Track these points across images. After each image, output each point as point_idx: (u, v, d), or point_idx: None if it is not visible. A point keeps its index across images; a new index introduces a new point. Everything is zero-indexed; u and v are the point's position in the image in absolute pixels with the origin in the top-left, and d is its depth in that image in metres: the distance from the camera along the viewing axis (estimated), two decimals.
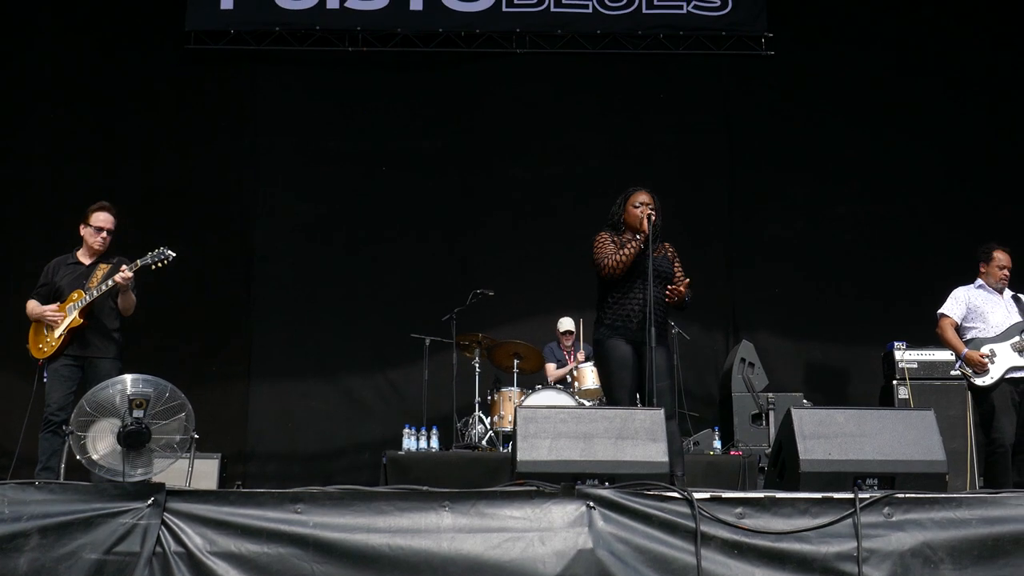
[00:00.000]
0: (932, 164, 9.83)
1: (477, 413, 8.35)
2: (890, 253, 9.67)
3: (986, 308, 6.60)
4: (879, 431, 4.51)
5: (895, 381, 8.14)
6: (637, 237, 5.56)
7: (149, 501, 4.01)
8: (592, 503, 4.08)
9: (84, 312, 6.01)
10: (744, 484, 7.15)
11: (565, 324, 8.83)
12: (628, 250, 5.53)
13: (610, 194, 5.98)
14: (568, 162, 9.96)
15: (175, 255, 6.05)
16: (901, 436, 4.50)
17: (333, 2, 9.83)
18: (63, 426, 5.27)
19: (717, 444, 8.14)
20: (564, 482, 4.18)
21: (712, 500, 4.12)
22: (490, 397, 8.39)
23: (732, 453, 7.80)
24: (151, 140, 9.72)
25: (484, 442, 8.14)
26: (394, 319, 9.19)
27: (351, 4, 9.85)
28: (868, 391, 8.91)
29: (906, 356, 8.15)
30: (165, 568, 3.91)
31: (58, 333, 6.00)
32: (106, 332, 6.11)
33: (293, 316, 9.55)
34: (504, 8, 9.91)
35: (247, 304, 9.60)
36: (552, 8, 9.95)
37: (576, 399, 7.98)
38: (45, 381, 6.04)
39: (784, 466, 4.69)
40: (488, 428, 8.23)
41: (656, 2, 9.99)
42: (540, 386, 8.20)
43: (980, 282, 6.75)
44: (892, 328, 8.62)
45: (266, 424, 9.32)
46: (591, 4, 9.97)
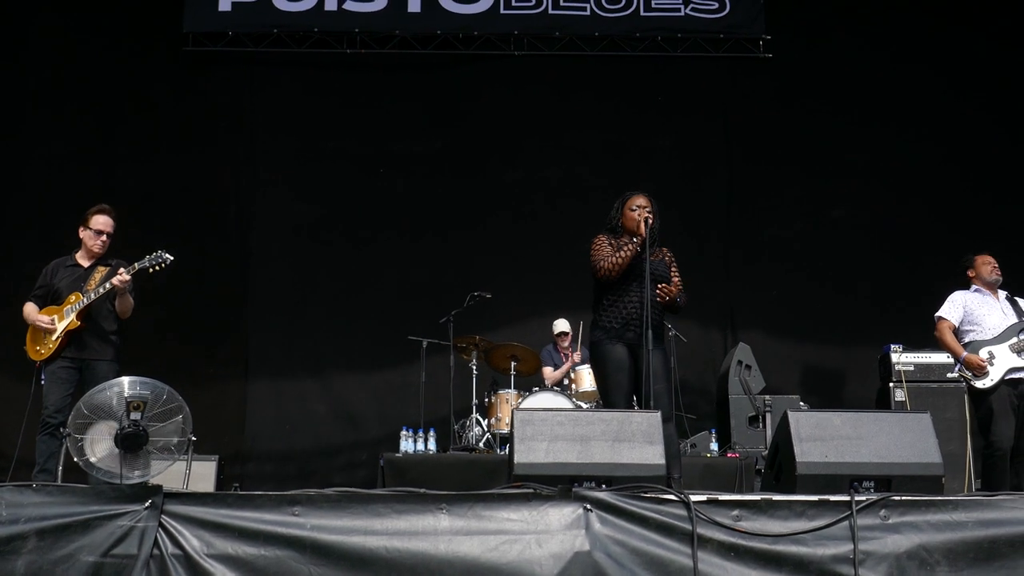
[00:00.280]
0: (931, 166, 9.84)
1: (474, 415, 8.35)
2: (888, 255, 9.68)
3: (983, 311, 6.61)
4: (875, 434, 4.52)
5: (892, 383, 8.14)
6: (634, 240, 5.57)
7: (147, 503, 4.02)
8: (589, 505, 4.09)
9: (82, 314, 6.01)
10: (741, 486, 7.15)
11: (560, 326, 8.83)
12: (624, 252, 5.54)
13: (608, 196, 5.98)
14: (566, 164, 9.97)
15: (173, 258, 6.05)
16: (897, 439, 4.51)
17: (331, 4, 9.84)
18: (61, 428, 5.28)
19: (714, 446, 8.15)
20: (561, 484, 4.19)
21: (709, 502, 4.13)
22: (487, 399, 8.39)
23: (729, 455, 7.79)
24: (149, 142, 9.72)
25: (481, 444, 8.14)
26: (391, 321, 9.19)
27: (349, 6, 9.86)
28: (865, 393, 8.91)
29: (902, 358, 8.13)
30: (163, 570, 3.92)
31: (56, 335, 6.01)
32: (104, 334, 6.11)
33: (290, 318, 9.56)
34: (502, 10, 9.92)
35: (244, 305, 9.60)
36: (550, 10, 9.96)
37: (573, 401, 7.98)
38: (43, 383, 6.04)
39: (781, 468, 4.70)
40: (485, 430, 8.22)
41: (654, 4, 10.00)
42: (537, 388, 8.20)
43: (975, 287, 6.76)
44: (890, 330, 8.61)
45: (263, 425, 9.31)
46: (589, 6, 9.98)
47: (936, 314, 6.73)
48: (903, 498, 4.17)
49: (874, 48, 10.05)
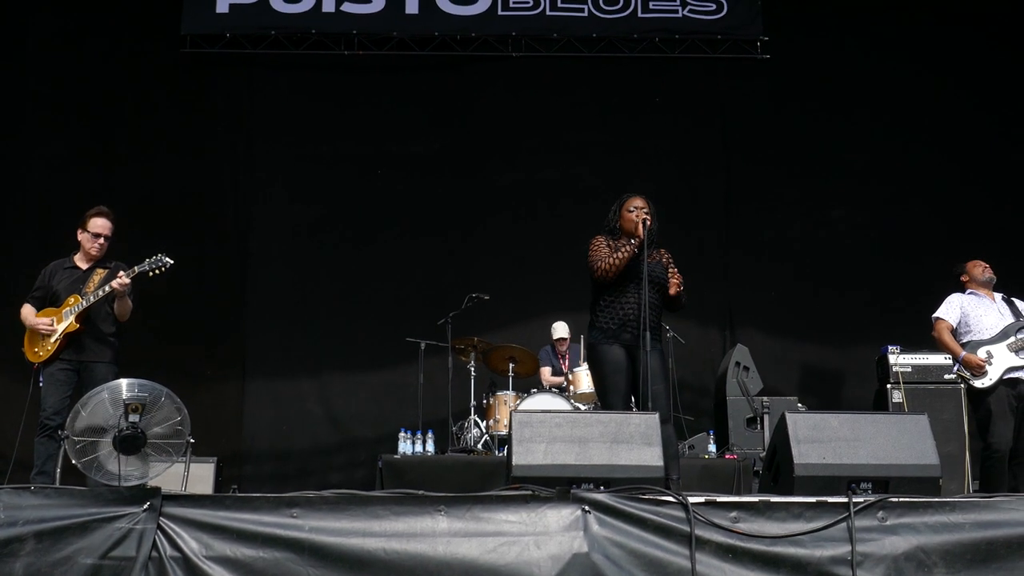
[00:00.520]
0: (929, 166, 9.84)
1: (473, 417, 8.35)
2: (886, 255, 9.67)
3: (980, 312, 6.63)
4: (873, 435, 4.53)
5: (889, 385, 8.14)
6: (632, 241, 5.58)
7: (145, 505, 4.02)
8: (587, 507, 4.10)
9: (81, 317, 6.02)
10: (739, 488, 7.16)
11: (559, 331, 8.81)
12: (622, 253, 5.54)
13: (606, 197, 5.99)
14: (564, 165, 9.97)
15: (173, 262, 6.05)
16: (895, 440, 4.52)
17: (329, 6, 9.84)
18: (59, 430, 5.26)
19: (712, 447, 8.15)
20: (559, 486, 4.20)
21: (707, 504, 4.14)
22: (485, 401, 8.39)
23: (727, 457, 7.80)
24: (147, 144, 9.71)
25: (480, 446, 8.14)
26: (389, 322, 9.19)
27: (347, 8, 9.86)
28: (863, 394, 8.91)
29: (900, 360, 8.14)
30: (161, 573, 3.92)
31: (54, 338, 6.01)
32: (102, 337, 6.11)
33: (289, 319, 9.55)
34: (500, 11, 9.92)
35: (243, 307, 9.60)
36: (548, 11, 9.96)
37: (572, 403, 7.98)
38: (41, 385, 6.04)
39: (779, 470, 4.70)
40: (484, 432, 8.23)
41: (652, 6, 10.00)
42: (535, 390, 8.21)
43: (971, 290, 6.78)
44: (888, 331, 8.63)
45: (261, 427, 9.31)
46: (587, 7, 9.98)
47: (934, 315, 6.75)
48: (901, 500, 4.18)
49: (871, 49, 10.05)
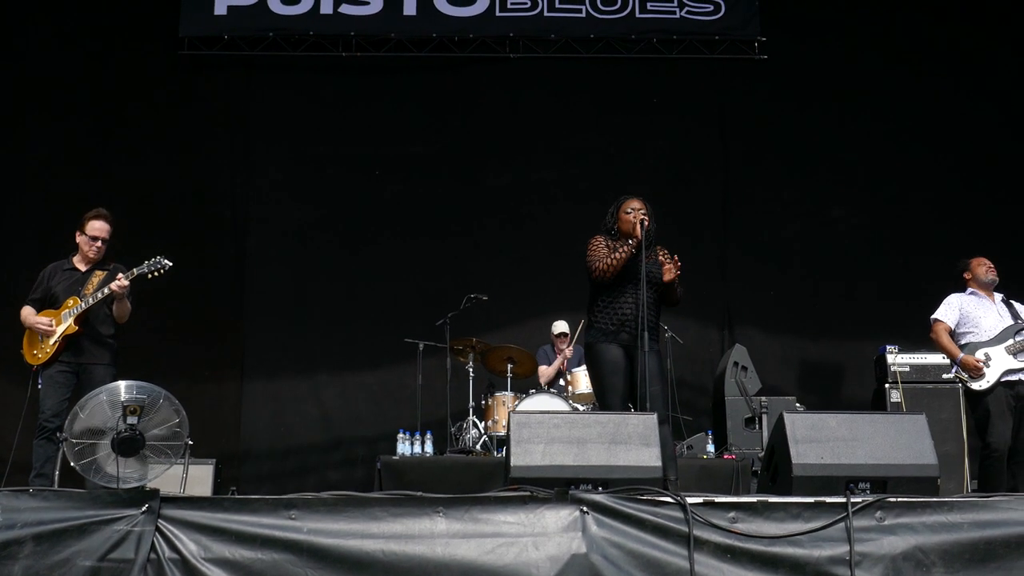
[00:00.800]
0: (928, 165, 9.83)
1: (471, 417, 8.34)
2: (884, 255, 9.68)
3: (979, 313, 6.62)
4: (871, 435, 4.53)
5: (887, 385, 8.15)
6: (630, 242, 5.58)
7: (143, 508, 4.03)
8: (586, 508, 4.10)
9: (79, 319, 6.02)
10: (737, 488, 7.15)
11: (560, 327, 8.81)
12: (620, 254, 5.55)
13: (604, 198, 6.00)
14: (562, 166, 9.97)
15: (171, 264, 6.05)
16: (893, 440, 4.53)
17: (327, 7, 9.84)
18: (57, 433, 5.27)
19: (710, 448, 8.14)
20: (558, 487, 4.20)
21: (705, 504, 4.15)
22: (484, 401, 8.39)
23: (725, 457, 7.80)
24: (145, 145, 9.70)
25: (478, 447, 8.14)
26: (387, 323, 9.17)
27: (345, 9, 9.85)
28: (862, 394, 8.91)
29: (898, 359, 8.14)
30: (160, 575, 3.92)
31: (53, 340, 6.01)
32: (101, 339, 6.11)
33: (287, 320, 9.54)
34: (497, 13, 9.92)
35: (241, 308, 9.59)
36: (545, 12, 9.96)
37: (570, 404, 7.98)
38: (39, 387, 6.04)
39: (777, 470, 4.71)
40: (482, 433, 8.22)
41: (649, 6, 10.00)
42: (534, 391, 8.21)
43: (971, 289, 6.78)
44: (887, 331, 8.63)
45: (260, 428, 9.30)
46: (584, 8, 9.98)
47: (932, 316, 6.75)
48: (899, 499, 4.19)
49: (869, 48, 10.05)
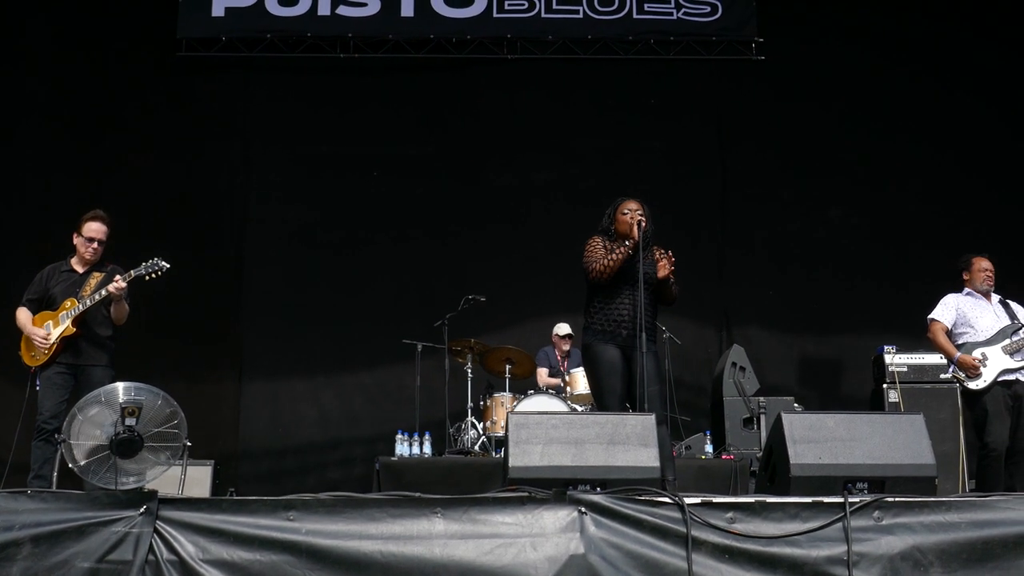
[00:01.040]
0: (926, 165, 9.85)
1: (469, 418, 8.35)
2: (882, 255, 9.69)
3: (975, 313, 6.64)
4: (869, 435, 4.54)
5: (885, 385, 8.16)
6: (627, 243, 5.59)
7: (142, 509, 4.02)
8: (584, 508, 4.11)
9: (77, 320, 6.01)
10: (735, 488, 7.16)
11: (563, 329, 8.75)
12: (616, 255, 5.56)
13: (602, 199, 6.00)
14: (560, 167, 9.98)
15: (169, 266, 6.05)
16: (891, 440, 4.53)
17: (324, 9, 9.84)
18: (55, 434, 5.27)
19: (709, 448, 8.15)
20: (556, 488, 4.20)
21: (703, 505, 4.15)
22: (482, 402, 8.39)
23: (724, 457, 7.80)
24: (143, 147, 9.70)
25: (477, 447, 8.14)
26: (386, 324, 9.18)
27: (342, 11, 9.86)
28: (860, 393, 8.93)
29: (896, 360, 8.15)
30: None
31: (51, 341, 6.00)
32: (99, 340, 6.11)
33: (285, 321, 9.54)
34: (495, 14, 9.92)
35: (239, 309, 9.59)
36: (543, 14, 9.96)
37: (568, 404, 7.98)
38: (38, 389, 6.04)
39: (775, 470, 4.72)
40: (481, 433, 8.22)
41: (646, 8, 10.01)
42: (532, 392, 8.21)
43: (967, 290, 6.80)
44: (885, 330, 8.64)
45: (258, 428, 9.30)
46: (582, 9, 9.99)
47: (929, 316, 6.77)
48: (897, 499, 4.19)
49: (866, 49, 10.06)
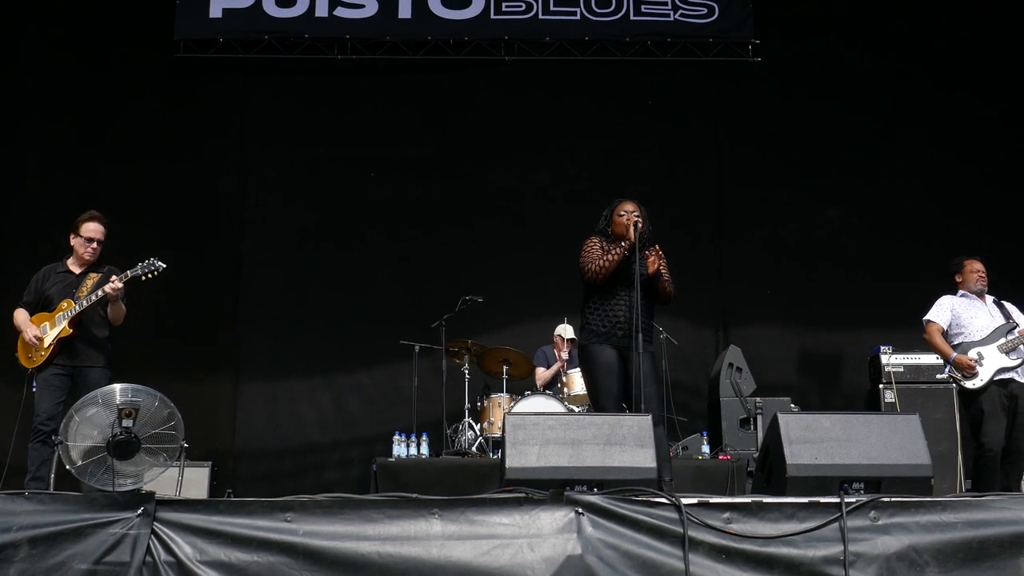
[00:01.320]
0: (924, 165, 9.85)
1: (467, 419, 8.34)
2: (880, 255, 9.67)
3: (970, 314, 6.67)
4: (865, 436, 4.54)
5: (881, 385, 8.17)
6: (623, 244, 5.60)
7: (139, 511, 4.02)
8: (581, 509, 4.11)
9: (74, 321, 6.01)
10: (732, 488, 7.17)
11: (568, 331, 8.62)
12: (612, 256, 5.57)
13: (600, 200, 6.00)
14: (557, 168, 9.98)
15: (165, 266, 6.06)
16: (887, 440, 4.54)
17: (322, 10, 9.84)
18: (53, 436, 5.28)
19: (705, 448, 8.16)
20: (553, 488, 4.20)
21: (700, 505, 4.15)
22: (480, 403, 8.39)
23: (720, 457, 7.82)
24: (141, 148, 9.70)
25: (474, 448, 8.15)
26: (383, 325, 9.18)
27: (340, 12, 9.86)
28: (857, 394, 8.94)
29: (892, 360, 8.17)
30: None
31: (48, 342, 6.00)
32: (96, 341, 6.11)
33: (282, 322, 9.54)
34: (492, 15, 9.93)
35: (236, 310, 9.58)
36: (540, 15, 9.97)
37: (565, 405, 7.99)
38: (35, 391, 6.03)
39: (771, 471, 4.72)
40: (478, 434, 8.23)
41: (643, 9, 10.02)
42: (529, 392, 8.21)
43: (962, 291, 6.83)
44: (883, 330, 8.65)
45: (255, 429, 9.29)
46: (579, 11, 9.99)
47: (924, 318, 6.80)
48: (893, 499, 4.20)
49: (863, 49, 10.06)
